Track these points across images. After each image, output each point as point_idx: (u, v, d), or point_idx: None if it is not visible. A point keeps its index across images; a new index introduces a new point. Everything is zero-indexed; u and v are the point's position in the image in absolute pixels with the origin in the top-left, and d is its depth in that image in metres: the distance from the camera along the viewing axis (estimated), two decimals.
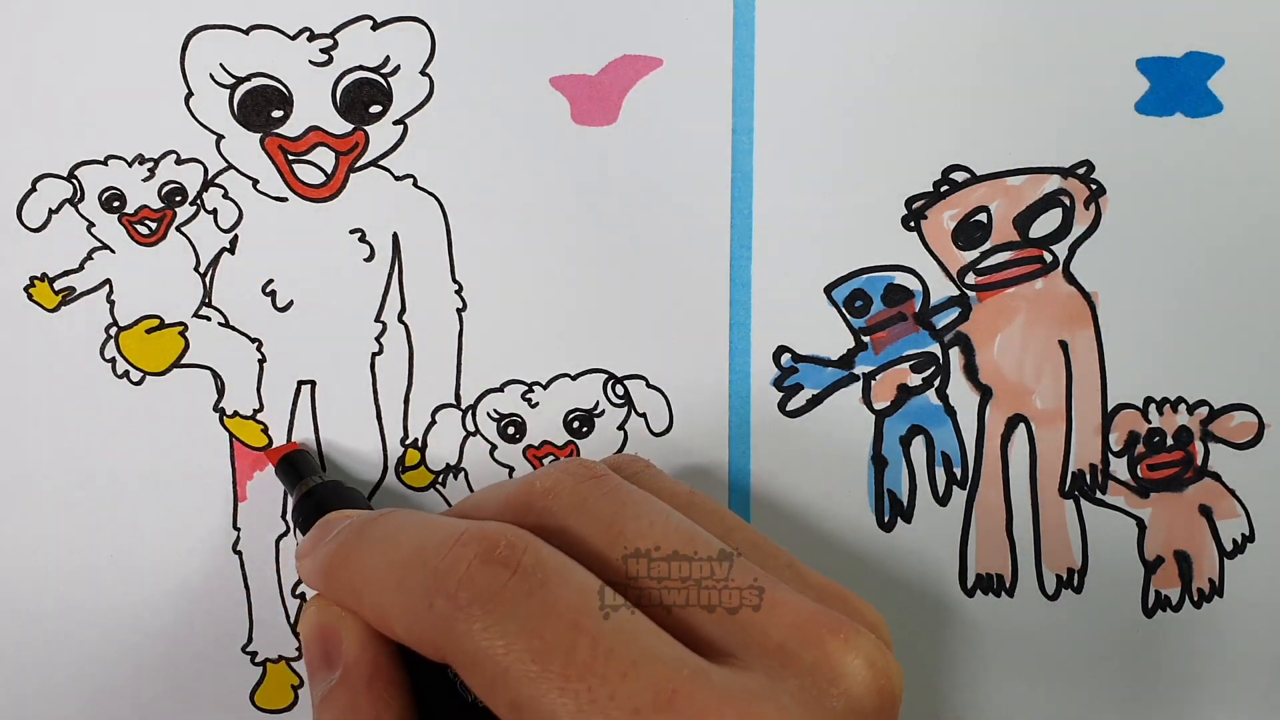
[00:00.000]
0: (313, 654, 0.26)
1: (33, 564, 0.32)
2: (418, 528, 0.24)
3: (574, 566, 0.23)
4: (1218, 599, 0.35)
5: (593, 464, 0.26)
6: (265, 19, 0.30)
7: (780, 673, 0.22)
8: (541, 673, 0.21)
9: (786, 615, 0.23)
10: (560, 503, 0.25)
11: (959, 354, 0.33)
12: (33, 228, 0.31)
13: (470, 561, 0.22)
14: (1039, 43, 0.32)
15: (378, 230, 0.31)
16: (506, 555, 0.22)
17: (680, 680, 0.21)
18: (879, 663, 0.23)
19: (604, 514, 0.25)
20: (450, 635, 0.22)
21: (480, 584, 0.22)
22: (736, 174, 0.32)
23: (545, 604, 0.22)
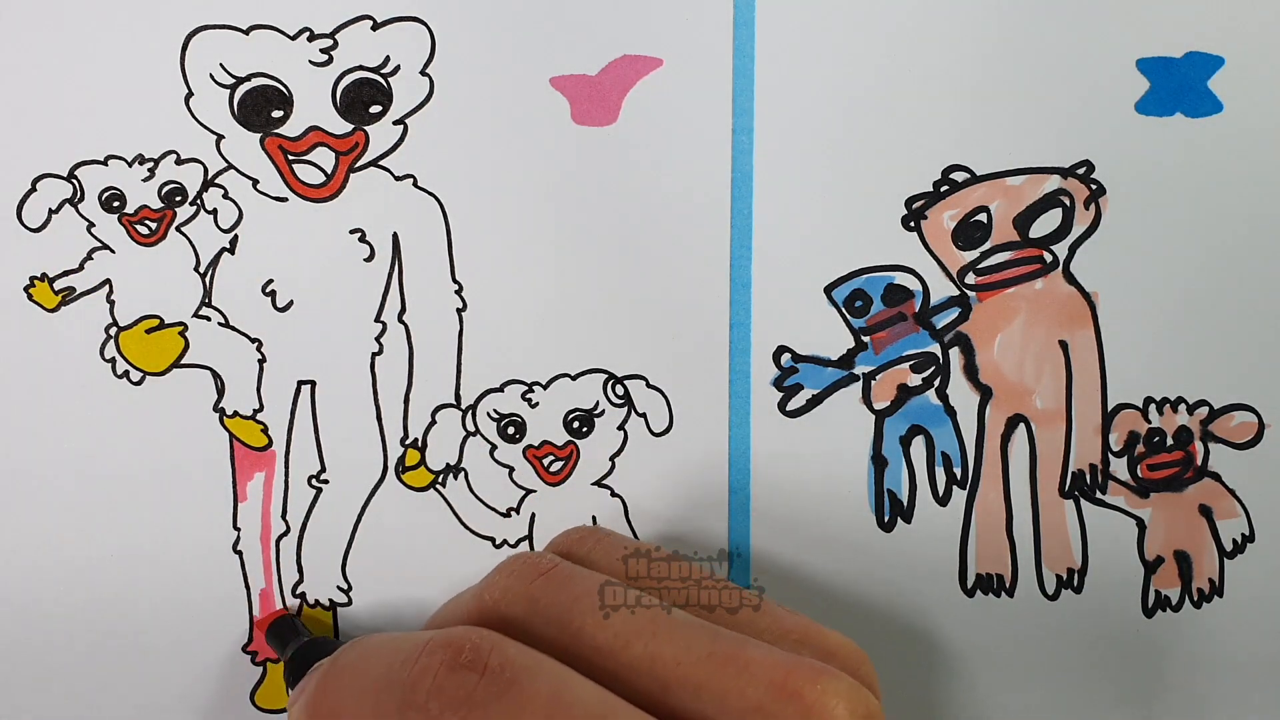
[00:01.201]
0: None
1: (33, 564, 0.32)
2: (385, 647, 0.24)
3: (543, 659, 0.23)
4: (1218, 599, 0.35)
5: (540, 557, 0.26)
6: (265, 19, 0.30)
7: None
8: None
9: (762, 674, 0.23)
10: (514, 608, 0.25)
11: (959, 354, 0.33)
12: (33, 228, 0.31)
13: (437, 670, 0.22)
14: (1039, 43, 0.32)
15: (378, 230, 0.31)
16: (472, 658, 0.22)
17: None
18: (859, 709, 0.23)
19: (560, 611, 0.25)
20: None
21: (449, 692, 0.22)
22: (736, 174, 0.32)
23: (518, 701, 0.22)
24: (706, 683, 0.23)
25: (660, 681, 0.23)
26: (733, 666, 0.23)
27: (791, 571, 0.33)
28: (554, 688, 0.22)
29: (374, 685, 0.24)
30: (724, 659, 0.23)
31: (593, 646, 0.24)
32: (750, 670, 0.23)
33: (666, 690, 0.23)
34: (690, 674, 0.23)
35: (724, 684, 0.23)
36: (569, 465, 0.33)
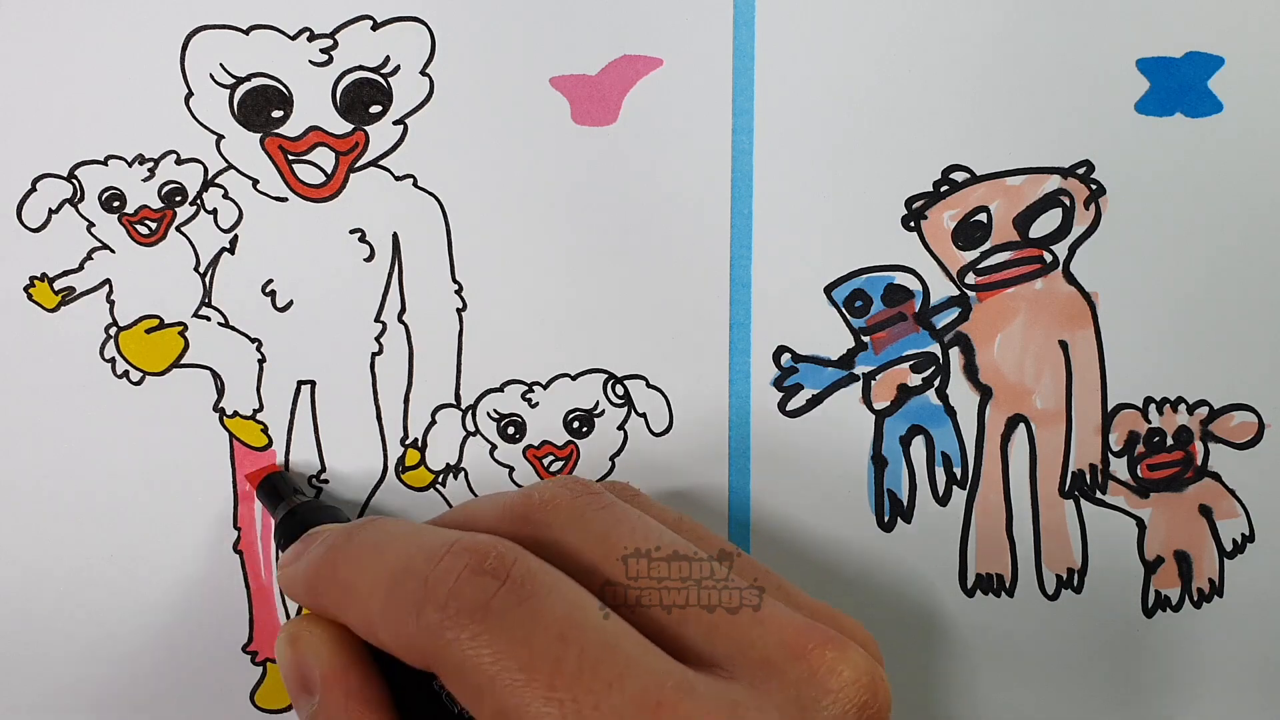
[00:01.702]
0: (291, 684, 0.27)
1: (33, 564, 0.32)
2: (407, 537, 0.25)
3: (564, 579, 0.23)
4: (1218, 599, 0.35)
5: (589, 481, 0.27)
6: (265, 19, 0.30)
7: (767, 685, 0.22)
8: (528, 682, 0.21)
9: (775, 629, 0.23)
10: (558, 515, 0.25)
11: (959, 354, 0.33)
12: (33, 228, 0.31)
13: (460, 572, 0.23)
14: (1039, 43, 0.32)
15: (378, 230, 0.31)
16: (496, 566, 0.23)
17: (665, 692, 0.21)
18: (866, 678, 0.23)
19: (599, 528, 0.25)
20: (438, 645, 0.22)
21: (469, 595, 0.22)
22: (736, 174, 0.32)
23: (534, 615, 0.22)
24: (720, 626, 0.23)
25: (677, 617, 0.23)
26: (749, 618, 0.23)
27: (791, 571, 0.33)
28: (570, 607, 0.22)
29: (391, 572, 0.24)
30: (755, 595, 0.24)
31: (620, 569, 0.24)
32: (765, 624, 0.23)
33: (681, 624, 0.23)
34: (705, 615, 0.23)
35: (737, 632, 0.23)
36: (569, 465, 0.33)
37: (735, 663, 0.23)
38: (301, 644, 0.26)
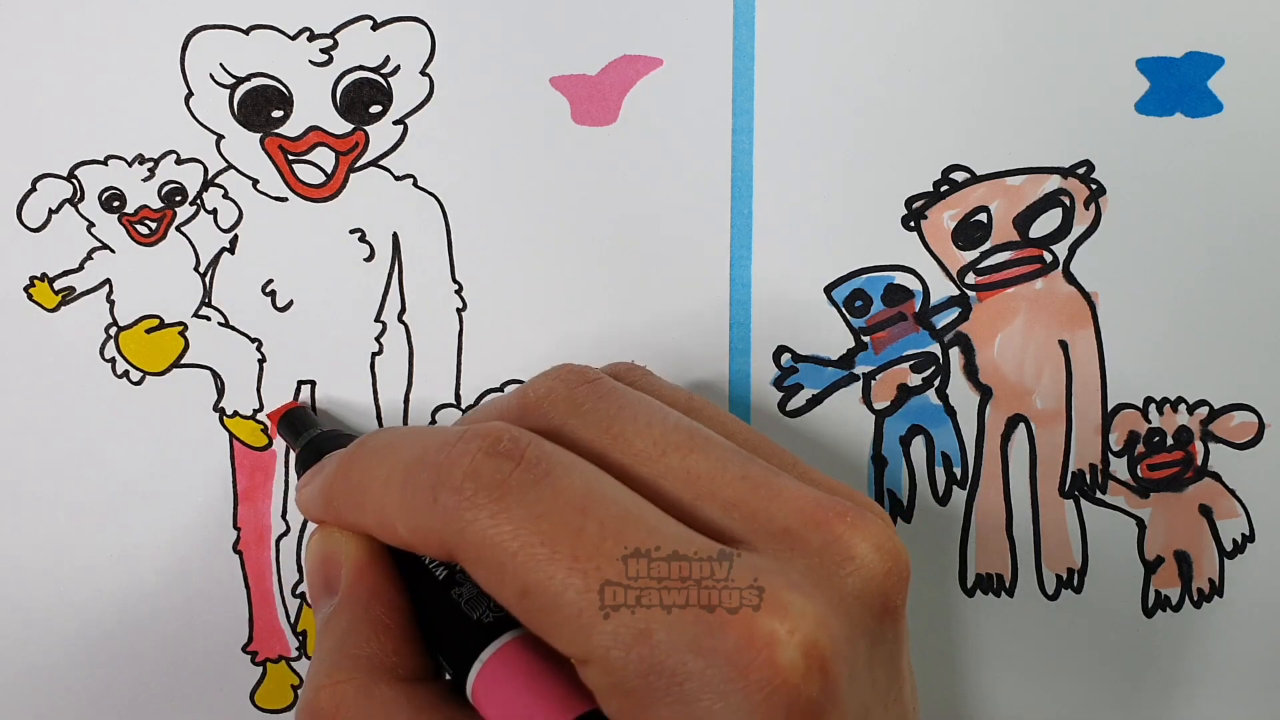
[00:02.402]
0: (314, 582, 0.27)
1: (33, 564, 0.32)
2: (418, 434, 0.24)
3: (576, 458, 0.23)
4: (1218, 599, 0.35)
5: (587, 369, 0.26)
6: (265, 19, 0.30)
7: (788, 554, 0.22)
8: (551, 555, 0.21)
9: (793, 502, 0.23)
10: (556, 409, 0.25)
11: (959, 354, 0.33)
12: (33, 228, 0.31)
13: (474, 455, 0.22)
14: (1039, 43, 0.32)
15: (378, 230, 0.31)
16: (510, 448, 0.22)
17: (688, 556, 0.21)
18: (887, 545, 0.23)
19: (601, 416, 0.25)
20: (456, 528, 0.22)
21: (485, 475, 0.22)
22: (736, 174, 0.32)
23: (552, 490, 0.22)
24: (738, 501, 0.23)
25: (692, 493, 0.23)
26: (766, 490, 0.23)
27: None
28: (588, 483, 0.22)
29: (405, 466, 0.23)
30: (758, 482, 0.23)
31: (630, 452, 0.24)
32: (783, 496, 0.23)
33: (697, 501, 0.23)
34: (722, 491, 0.23)
35: (755, 505, 0.23)
36: None
37: (756, 536, 0.23)
38: (332, 540, 0.26)
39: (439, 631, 0.25)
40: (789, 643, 0.21)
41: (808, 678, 0.21)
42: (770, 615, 0.21)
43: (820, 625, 0.21)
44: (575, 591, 0.21)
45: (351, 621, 0.25)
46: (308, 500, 0.27)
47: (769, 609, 0.21)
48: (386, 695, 0.24)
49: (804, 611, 0.21)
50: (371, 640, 0.25)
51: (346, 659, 0.24)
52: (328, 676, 0.24)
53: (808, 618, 0.21)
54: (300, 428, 0.31)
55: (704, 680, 0.20)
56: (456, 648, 0.24)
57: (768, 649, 0.20)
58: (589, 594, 0.21)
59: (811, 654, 0.21)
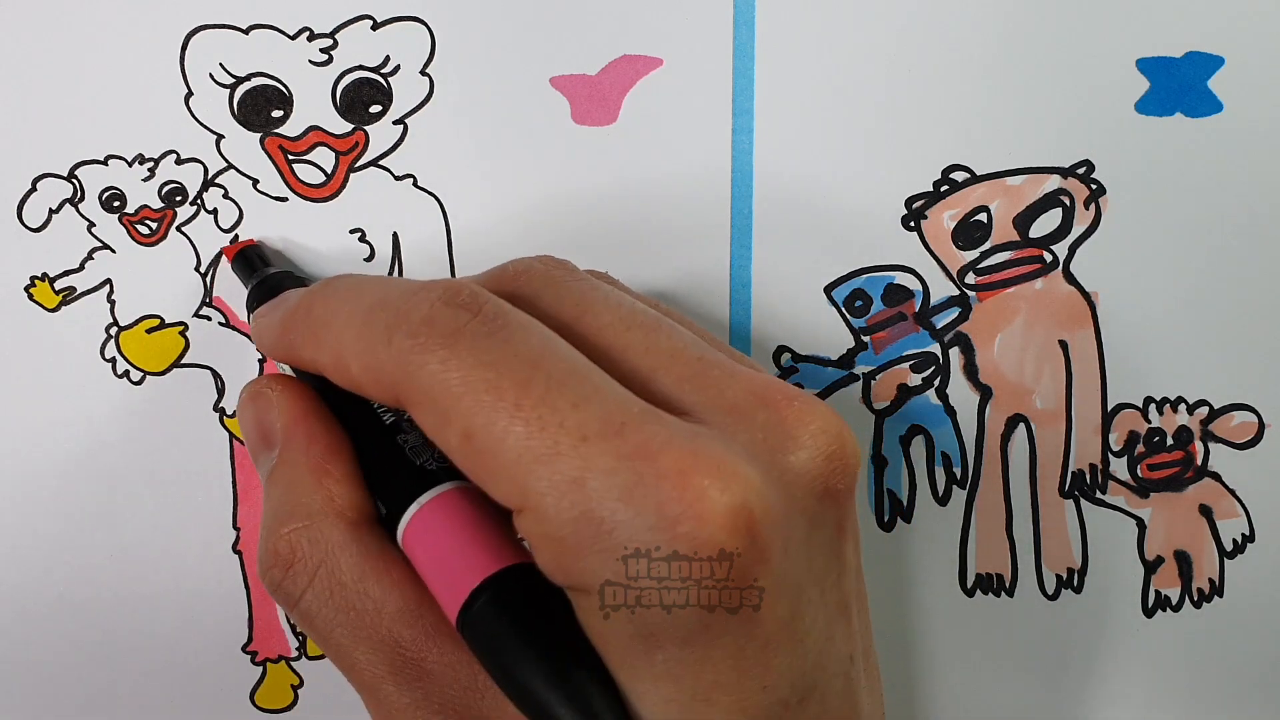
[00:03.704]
0: (251, 439, 0.27)
1: (33, 564, 0.32)
2: (383, 280, 0.25)
3: (534, 320, 0.23)
4: (1218, 599, 0.35)
5: (565, 260, 0.27)
6: (265, 19, 0.30)
7: (733, 428, 0.23)
8: (495, 401, 0.21)
9: (744, 382, 0.23)
10: (531, 283, 0.25)
11: (959, 354, 0.33)
12: (33, 228, 0.31)
13: (433, 302, 0.23)
14: (1039, 43, 0.32)
15: (378, 230, 0.31)
16: (469, 301, 0.23)
17: (630, 415, 0.22)
18: (833, 429, 0.23)
19: (573, 291, 0.25)
20: (406, 370, 0.22)
21: (441, 322, 0.22)
22: (736, 174, 0.32)
23: (504, 342, 0.22)
24: (692, 377, 0.23)
25: (648, 367, 0.24)
26: (720, 370, 0.24)
27: None
28: (541, 341, 0.23)
29: (366, 306, 0.24)
30: (713, 363, 0.24)
31: (596, 325, 0.24)
32: (735, 377, 0.24)
33: (652, 374, 0.24)
34: (679, 367, 0.24)
35: (707, 381, 0.23)
36: None
37: (704, 409, 0.23)
38: (263, 397, 0.27)
39: (379, 475, 0.26)
40: (719, 500, 0.21)
41: (733, 535, 0.21)
42: (704, 474, 0.21)
43: (753, 490, 0.21)
44: (516, 438, 0.21)
45: (293, 469, 0.26)
46: (265, 329, 0.27)
47: (703, 469, 0.21)
48: (336, 539, 0.25)
49: (737, 473, 0.21)
50: (315, 485, 0.25)
51: (294, 506, 0.25)
52: (281, 525, 0.25)
53: (740, 479, 0.21)
54: (255, 265, 0.30)
55: (632, 529, 0.21)
56: (395, 491, 0.25)
57: (697, 503, 0.21)
58: (529, 440, 0.21)
59: (740, 513, 0.21)
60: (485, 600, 0.22)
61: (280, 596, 0.25)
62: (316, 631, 0.25)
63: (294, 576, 0.25)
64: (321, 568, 0.25)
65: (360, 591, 0.24)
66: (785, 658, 0.22)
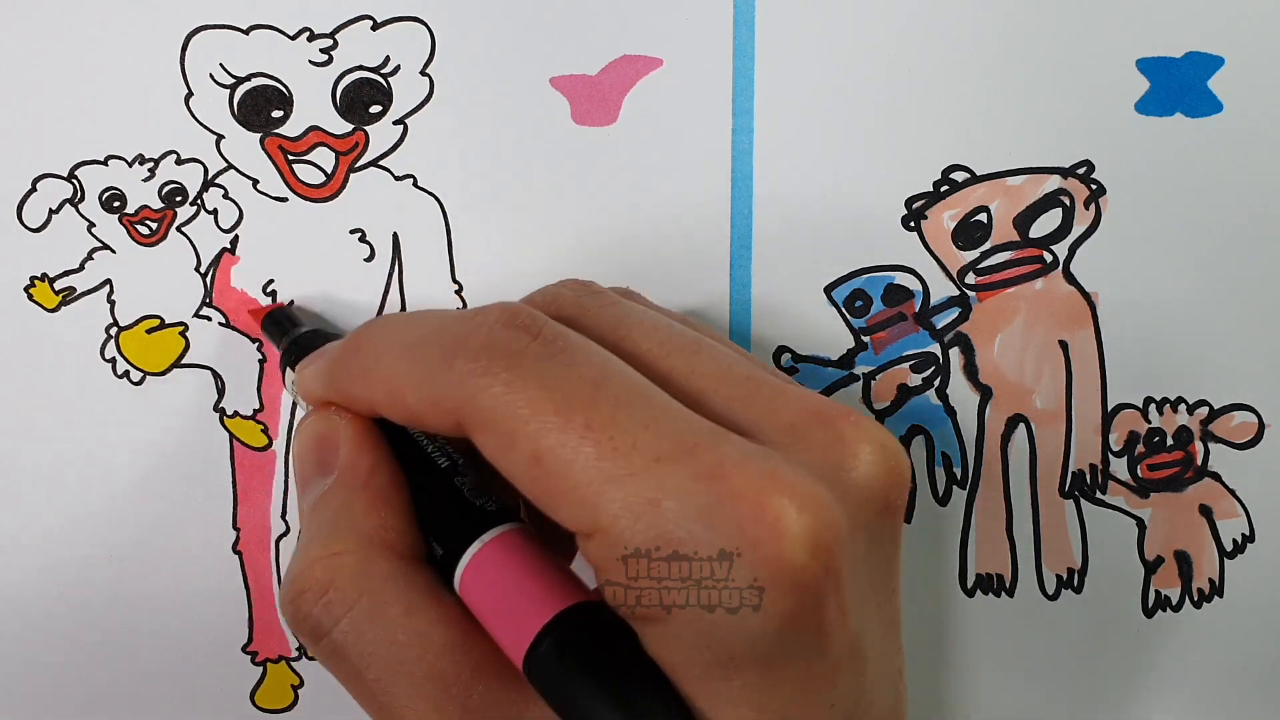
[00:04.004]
0: (306, 463, 0.26)
1: (33, 564, 0.32)
2: (433, 311, 0.25)
3: (590, 341, 0.23)
4: (1218, 599, 0.35)
5: (592, 282, 0.27)
6: (265, 19, 0.30)
7: (793, 448, 0.22)
8: (564, 423, 0.21)
9: (797, 401, 0.23)
10: (563, 311, 0.25)
11: (959, 354, 0.33)
12: (33, 228, 0.31)
13: (492, 326, 0.22)
14: (1039, 43, 0.32)
15: (378, 230, 0.31)
16: (529, 323, 0.23)
17: (701, 436, 0.21)
18: (890, 446, 0.23)
19: (608, 319, 0.25)
20: (469, 394, 0.22)
21: (503, 345, 0.22)
22: (736, 174, 0.32)
23: (567, 364, 0.22)
24: (743, 398, 0.23)
25: (696, 390, 0.23)
26: (770, 389, 0.23)
27: None
28: (603, 361, 0.22)
29: (421, 336, 0.23)
30: (762, 382, 0.24)
31: (635, 352, 0.24)
32: (787, 395, 0.23)
33: (701, 399, 0.23)
34: (727, 388, 0.23)
35: (760, 402, 0.23)
36: None
37: (759, 430, 0.23)
38: (329, 422, 0.26)
39: (436, 516, 0.25)
40: (797, 520, 0.21)
41: (813, 557, 0.21)
42: (780, 494, 0.21)
43: (826, 509, 0.21)
44: (587, 459, 0.21)
45: (349, 495, 0.25)
46: (311, 378, 0.27)
47: (779, 489, 0.21)
48: (384, 570, 0.24)
49: (811, 494, 0.21)
50: (370, 514, 0.25)
51: (343, 532, 0.24)
52: (324, 548, 0.24)
53: (815, 500, 0.21)
54: (286, 326, 0.30)
55: (711, 552, 0.21)
56: (453, 532, 0.24)
57: (776, 524, 0.20)
58: (600, 461, 0.21)
59: (818, 535, 0.21)
60: (553, 640, 0.22)
61: (307, 626, 0.24)
62: (348, 666, 0.23)
63: (328, 605, 0.23)
64: (365, 597, 0.23)
65: (405, 625, 0.23)
66: (850, 675, 0.22)
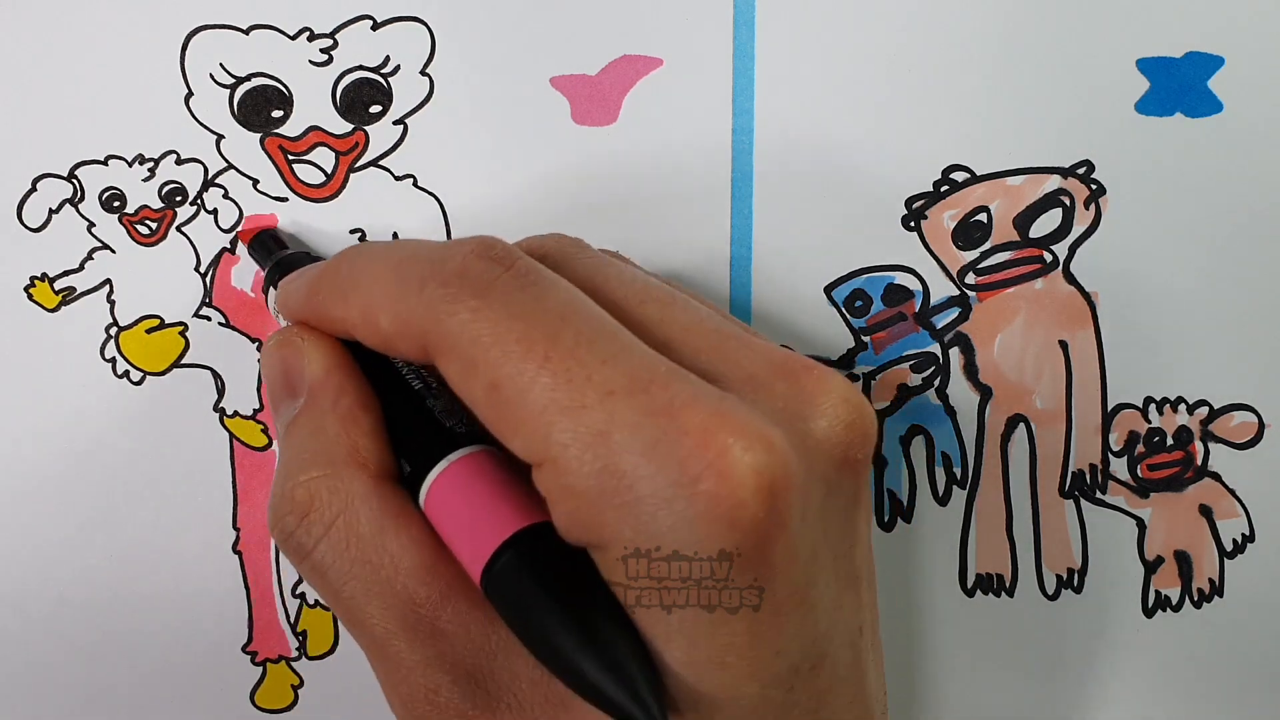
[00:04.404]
0: (275, 385, 0.27)
1: (33, 564, 0.32)
2: (413, 240, 0.25)
3: (565, 281, 0.23)
4: (1218, 599, 0.35)
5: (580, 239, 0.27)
6: (265, 19, 0.30)
7: (755, 396, 0.23)
8: (524, 352, 0.21)
9: (763, 354, 0.24)
10: (547, 259, 0.25)
11: (959, 354, 0.33)
12: (33, 228, 0.31)
13: (467, 255, 0.23)
14: (1039, 43, 0.32)
15: (378, 230, 0.31)
16: (503, 255, 0.23)
17: (657, 373, 0.22)
18: (852, 399, 0.23)
19: (585, 266, 0.25)
20: (437, 319, 0.22)
21: (474, 274, 0.22)
22: (736, 174, 0.32)
23: (536, 297, 0.22)
24: (708, 349, 0.24)
25: (664, 338, 0.24)
26: (736, 341, 0.24)
27: None
28: (571, 297, 0.23)
29: (398, 261, 0.24)
30: (731, 334, 0.24)
31: (610, 300, 0.24)
32: (754, 348, 0.24)
33: (668, 346, 0.23)
34: (695, 339, 0.24)
35: (726, 352, 0.23)
36: None
37: (725, 379, 0.23)
38: (292, 344, 0.26)
39: (406, 435, 0.25)
40: (741, 459, 0.21)
41: (755, 496, 0.21)
42: (727, 433, 0.21)
43: (776, 452, 0.21)
44: (542, 389, 0.21)
45: (320, 417, 0.25)
46: (291, 295, 0.27)
47: (728, 428, 0.21)
48: (357, 489, 0.24)
49: (762, 434, 0.21)
50: (341, 435, 0.25)
51: (318, 454, 0.25)
52: (301, 472, 0.25)
53: (764, 441, 0.21)
54: (272, 248, 0.30)
55: (654, 484, 0.21)
56: (422, 450, 0.25)
57: (720, 460, 0.21)
58: (555, 392, 0.21)
59: (762, 474, 0.21)
60: (509, 558, 0.22)
61: (291, 545, 0.25)
62: (328, 584, 0.24)
63: (309, 525, 0.24)
64: (340, 518, 0.24)
65: (378, 545, 0.24)
66: (797, 624, 0.22)
